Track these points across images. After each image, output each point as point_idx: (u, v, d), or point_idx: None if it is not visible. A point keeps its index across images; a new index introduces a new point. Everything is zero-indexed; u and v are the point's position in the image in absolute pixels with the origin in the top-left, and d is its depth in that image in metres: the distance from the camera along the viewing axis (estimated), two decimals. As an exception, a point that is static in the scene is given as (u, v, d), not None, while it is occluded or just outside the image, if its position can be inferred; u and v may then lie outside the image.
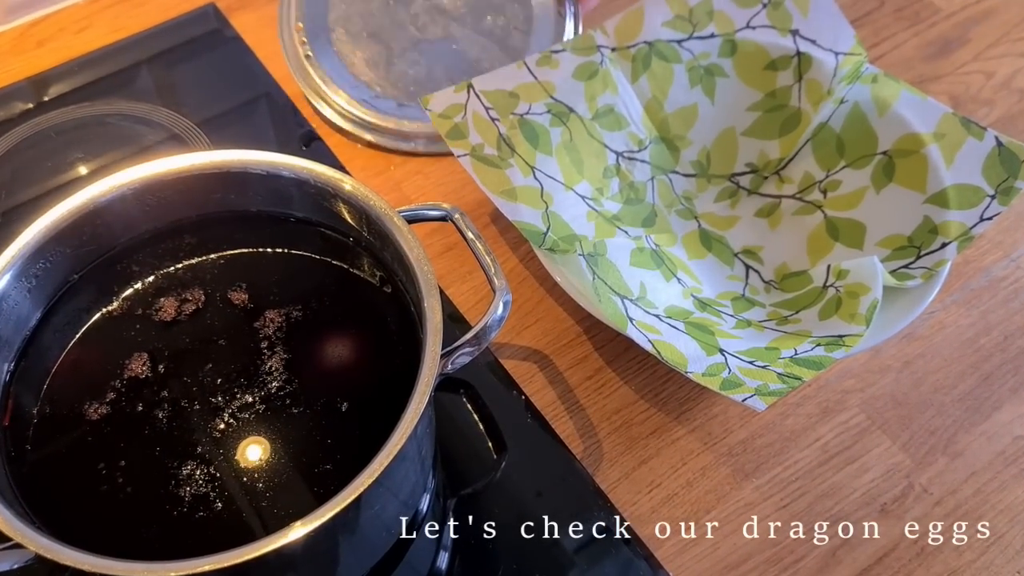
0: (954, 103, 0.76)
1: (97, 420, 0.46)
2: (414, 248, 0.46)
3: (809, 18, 0.65)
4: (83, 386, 0.47)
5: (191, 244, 0.52)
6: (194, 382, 0.47)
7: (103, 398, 0.46)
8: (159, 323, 0.49)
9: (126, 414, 0.46)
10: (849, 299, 0.57)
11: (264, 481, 0.45)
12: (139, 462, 0.45)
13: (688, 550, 0.55)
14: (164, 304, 0.49)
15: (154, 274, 0.51)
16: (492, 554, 0.54)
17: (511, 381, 0.60)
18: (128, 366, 0.47)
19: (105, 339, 0.49)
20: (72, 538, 0.39)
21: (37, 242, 0.46)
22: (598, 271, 0.56)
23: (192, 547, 0.41)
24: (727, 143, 0.68)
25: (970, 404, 0.61)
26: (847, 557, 0.55)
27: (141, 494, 0.44)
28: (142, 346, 0.48)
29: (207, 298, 0.50)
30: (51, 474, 0.44)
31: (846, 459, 0.58)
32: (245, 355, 0.48)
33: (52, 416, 0.46)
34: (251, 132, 0.72)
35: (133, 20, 0.77)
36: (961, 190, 0.60)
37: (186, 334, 0.49)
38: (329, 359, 0.49)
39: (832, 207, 0.64)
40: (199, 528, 0.43)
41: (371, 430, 0.46)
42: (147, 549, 0.42)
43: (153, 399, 0.47)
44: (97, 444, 0.45)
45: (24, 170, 0.68)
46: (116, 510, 0.44)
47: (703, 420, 0.59)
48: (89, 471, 0.45)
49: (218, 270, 0.51)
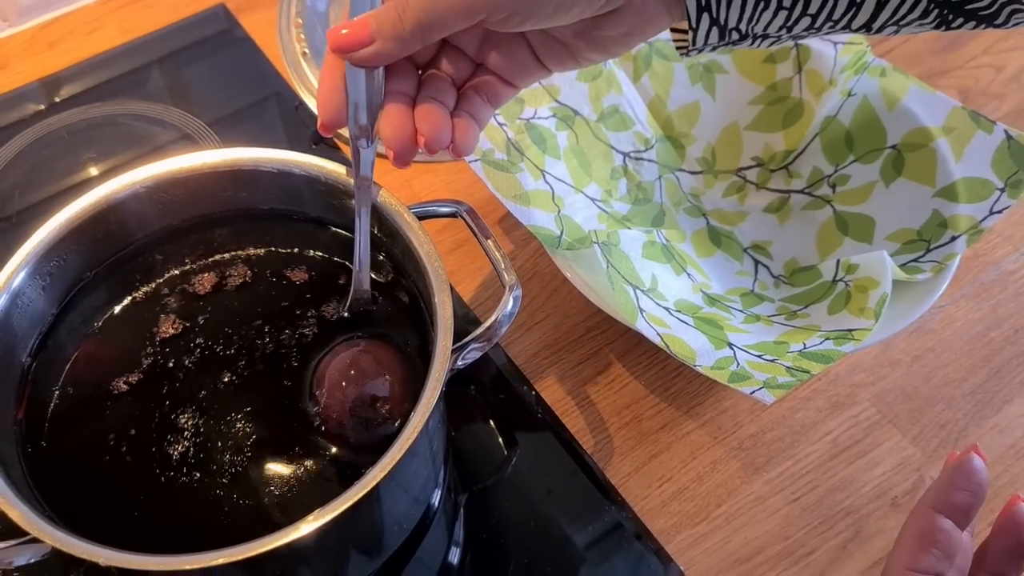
0: (963, 97, 0.75)
1: (112, 414, 0.46)
2: (424, 244, 0.47)
3: None
4: (98, 382, 0.47)
5: (203, 242, 0.52)
6: (208, 381, 0.47)
7: (118, 394, 0.47)
8: (175, 320, 0.49)
9: (141, 409, 0.47)
10: (858, 293, 0.57)
11: (277, 476, 0.45)
12: (154, 456, 0.45)
13: (699, 544, 0.55)
14: (179, 301, 0.50)
15: (168, 271, 0.51)
16: (503, 549, 0.54)
17: (521, 376, 0.60)
18: (143, 363, 0.48)
19: (120, 336, 0.49)
20: (88, 532, 0.39)
21: (51, 240, 0.47)
22: (611, 260, 0.57)
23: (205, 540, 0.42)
24: (731, 138, 0.68)
25: (980, 398, 0.60)
26: (858, 551, 0.55)
27: (156, 488, 0.45)
28: (157, 343, 0.48)
29: (219, 295, 0.50)
30: (67, 468, 0.45)
31: (856, 453, 0.58)
32: (256, 353, 0.48)
33: (67, 410, 0.46)
34: (261, 131, 0.72)
35: (143, 21, 0.78)
36: (971, 184, 0.60)
37: (199, 332, 0.49)
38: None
39: (841, 201, 0.64)
40: (213, 521, 0.44)
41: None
42: (162, 542, 0.43)
43: (168, 394, 0.47)
44: (112, 438, 0.46)
45: (37, 170, 0.69)
46: (131, 504, 0.44)
47: (713, 415, 0.60)
48: (104, 465, 0.45)
49: (227, 269, 0.51)
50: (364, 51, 0.40)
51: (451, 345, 0.44)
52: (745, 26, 0.41)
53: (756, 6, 0.40)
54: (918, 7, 0.39)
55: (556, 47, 0.43)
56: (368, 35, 0.39)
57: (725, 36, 0.41)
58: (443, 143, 0.42)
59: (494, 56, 0.44)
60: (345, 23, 0.40)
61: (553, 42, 0.43)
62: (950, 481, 0.40)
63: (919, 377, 0.61)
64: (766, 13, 0.40)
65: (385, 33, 0.39)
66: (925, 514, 0.39)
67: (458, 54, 0.44)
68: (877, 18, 0.40)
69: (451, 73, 0.44)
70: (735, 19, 0.40)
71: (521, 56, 0.44)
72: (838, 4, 0.39)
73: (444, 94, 0.43)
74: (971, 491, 0.39)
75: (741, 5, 0.39)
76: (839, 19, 0.40)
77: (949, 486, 0.40)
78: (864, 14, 0.39)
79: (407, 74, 0.43)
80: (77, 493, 0.44)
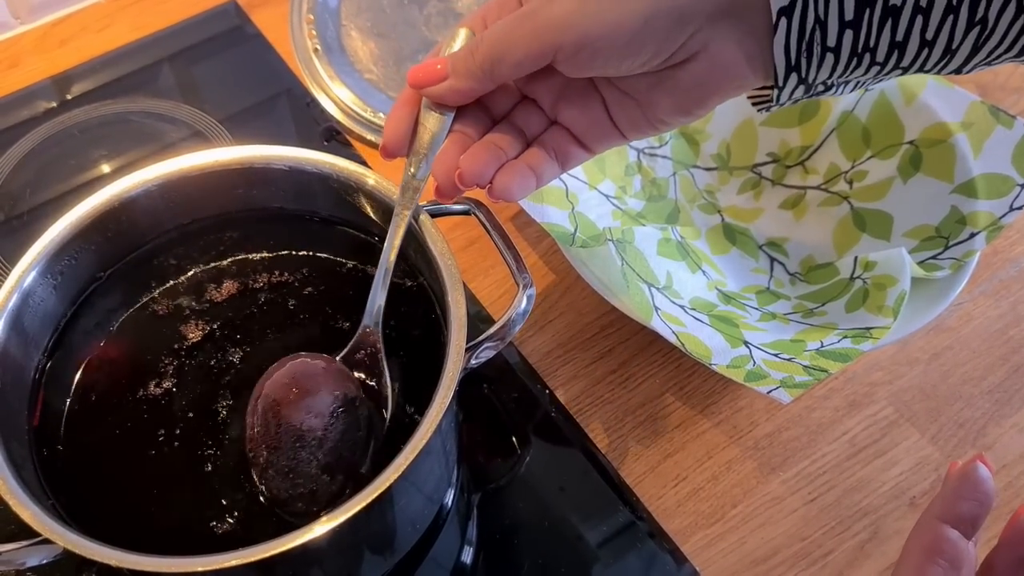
0: (982, 92, 0.75)
1: (130, 418, 0.46)
2: (438, 242, 0.46)
3: None
4: (115, 385, 0.47)
5: (217, 243, 0.52)
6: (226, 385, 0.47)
7: (135, 397, 0.47)
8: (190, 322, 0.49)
9: (158, 413, 0.46)
10: (876, 291, 0.57)
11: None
12: (167, 458, 0.45)
13: (714, 544, 0.54)
14: (197, 304, 0.50)
15: (184, 274, 0.51)
16: (517, 549, 0.54)
17: (535, 375, 0.60)
18: (160, 367, 0.48)
19: (137, 339, 0.49)
20: (102, 534, 0.39)
21: (62, 239, 0.46)
22: (626, 257, 0.56)
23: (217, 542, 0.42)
24: (746, 134, 0.67)
25: (1000, 396, 0.60)
26: (876, 551, 0.54)
27: (170, 490, 0.44)
28: (175, 348, 0.48)
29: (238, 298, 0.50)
30: (82, 471, 0.45)
31: (874, 452, 0.58)
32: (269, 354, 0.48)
33: (84, 414, 0.46)
34: (272, 128, 0.72)
35: (155, 18, 0.78)
36: (990, 179, 0.59)
37: (218, 337, 0.49)
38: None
39: (858, 198, 0.63)
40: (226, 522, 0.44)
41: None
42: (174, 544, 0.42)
43: (186, 399, 0.47)
44: (126, 441, 0.45)
45: (48, 168, 0.69)
46: (146, 507, 0.44)
47: (729, 413, 0.59)
48: (119, 468, 0.45)
49: (244, 272, 0.51)
50: (439, 87, 0.42)
51: (465, 344, 0.43)
52: (835, 80, 0.40)
53: (848, 64, 0.38)
54: (1017, 45, 0.37)
55: (630, 105, 0.43)
56: (444, 71, 0.42)
57: (810, 90, 0.41)
58: (476, 180, 0.42)
59: (567, 110, 0.44)
60: (425, 61, 0.43)
61: (626, 100, 0.43)
62: (956, 491, 0.39)
63: (937, 375, 0.61)
64: (858, 70, 0.39)
65: (459, 69, 0.41)
66: (931, 525, 0.39)
67: (533, 108, 0.45)
68: (969, 63, 0.38)
69: (523, 126, 0.44)
70: (824, 76, 0.39)
71: (594, 112, 0.44)
72: (931, 56, 0.38)
73: (506, 142, 0.43)
74: (977, 500, 0.39)
75: (833, 64, 0.38)
76: (931, 68, 0.39)
77: (955, 496, 0.39)
78: (957, 61, 0.38)
79: (477, 120, 0.44)
80: (94, 497, 0.44)
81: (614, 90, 0.43)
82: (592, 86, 0.43)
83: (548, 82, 0.43)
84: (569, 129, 0.44)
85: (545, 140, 0.44)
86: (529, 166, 0.43)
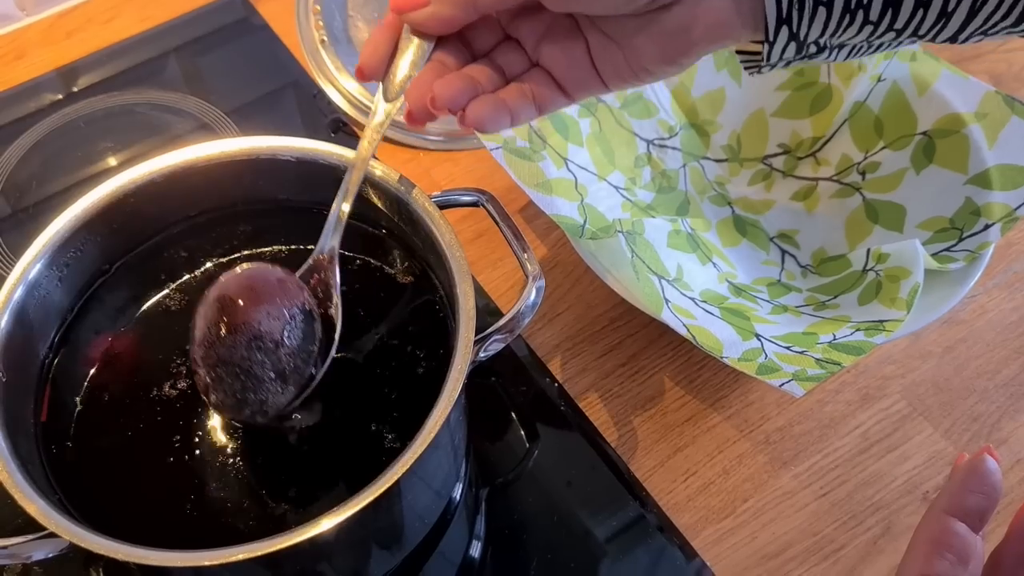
0: (995, 82, 0.74)
1: (138, 418, 0.46)
2: (446, 234, 0.46)
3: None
4: (125, 382, 0.47)
5: (225, 237, 0.51)
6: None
7: (145, 394, 0.46)
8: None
9: (167, 409, 0.46)
10: (889, 283, 0.56)
11: (298, 470, 0.44)
12: (177, 457, 0.45)
13: (725, 539, 0.54)
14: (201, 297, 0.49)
15: (193, 267, 0.51)
16: (525, 544, 0.53)
17: (543, 368, 0.59)
18: (170, 364, 0.47)
19: (147, 335, 0.49)
20: (111, 529, 0.39)
21: (67, 230, 0.46)
22: (636, 249, 0.55)
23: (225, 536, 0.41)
24: (757, 125, 0.67)
25: (1014, 390, 0.59)
26: (888, 547, 0.53)
27: (177, 484, 0.44)
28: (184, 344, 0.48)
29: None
30: (89, 468, 0.44)
31: (887, 447, 0.57)
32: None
33: (93, 410, 0.46)
34: (279, 120, 0.71)
35: (161, 10, 0.77)
36: (1005, 170, 0.58)
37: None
38: (362, 348, 0.48)
39: (871, 189, 0.63)
40: (233, 516, 0.43)
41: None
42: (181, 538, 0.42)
43: (195, 396, 0.46)
44: (137, 440, 0.45)
45: (54, 160, 0.68)
46: (155, 503, 0.44)
47: (739, 407, 0.58)
48: (128, 464, 0.45)
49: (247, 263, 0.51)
50: (420, 13, 0.41)
51: (473, 337, 0.43)
52: (826, 39, 0.39)
53: (841, 21, 0.38)
54: (1013, 12, 0.36)
55: (613, 50, 0.42)
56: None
57: (802, 50, 0.40)
58: (448, 104, 0.41)
59: (549, 51, 0.43)
60: None
61: (610, 44, 0.42)
62: (963, 484, 0.39)
63: (951, 369, 0.60)
64: (851, 28, 0.38)
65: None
66: (938, 518, 0.38)
67: (515, 48, 0.44)
68: (965, 29, 0.37)
69: (503, 65, 0.44)
70: (816, 33, 0.38)
71: (576, 54, 0.42)
72: (926, 18, 0.37)
73: (484, 75, 0.43)
74: (985, 494, 0.38)
75: (825, 19, 0.37)
76: (925, 33, 0.38)
77: (962, 489, 0.38)
78: (953, 26, 0.37)
79: (457, 53, 0.43)
80: (101, 493, 0.44)
81: (598, 33, 0.42)
82: (576, 28, 0.42)
83: (532, 21, 0.43)
84: (550, 72, 0.43)
85: (524, 80, 0.43)
86: (505, 101, 0.42)
